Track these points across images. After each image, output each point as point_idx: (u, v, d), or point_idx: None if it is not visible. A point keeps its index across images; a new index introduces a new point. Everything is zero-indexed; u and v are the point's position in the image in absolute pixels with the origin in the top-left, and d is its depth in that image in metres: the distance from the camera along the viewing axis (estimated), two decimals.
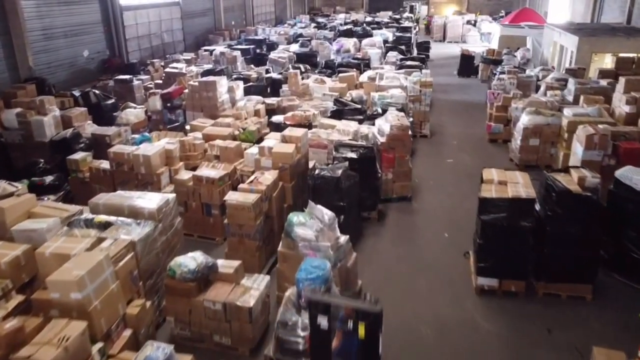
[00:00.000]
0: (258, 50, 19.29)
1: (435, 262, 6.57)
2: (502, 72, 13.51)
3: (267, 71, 16.22)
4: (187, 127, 9.35)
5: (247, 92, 12.05)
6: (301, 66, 16.32)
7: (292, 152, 6.60)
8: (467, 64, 18.79)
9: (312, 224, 5.41)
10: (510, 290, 5.73)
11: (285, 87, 12.47)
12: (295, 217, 5.42)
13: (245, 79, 13.06)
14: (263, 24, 27.85)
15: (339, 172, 6.60)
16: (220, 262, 5.16)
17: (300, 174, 7.02)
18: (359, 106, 10.40)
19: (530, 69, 15.25)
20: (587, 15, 21.11)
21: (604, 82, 11.39)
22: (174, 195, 5.84)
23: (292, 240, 5.41)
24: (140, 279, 4.75)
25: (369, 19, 30.87)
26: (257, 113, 10.24)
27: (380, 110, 10.21)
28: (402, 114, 8.53)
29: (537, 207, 5.76)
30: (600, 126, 7.77)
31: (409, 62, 14.54)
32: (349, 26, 24.89)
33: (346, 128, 8.05)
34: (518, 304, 5.66)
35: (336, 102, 10.56)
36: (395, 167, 8.14)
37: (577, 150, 7.73)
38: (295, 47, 19.68)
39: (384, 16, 33.25)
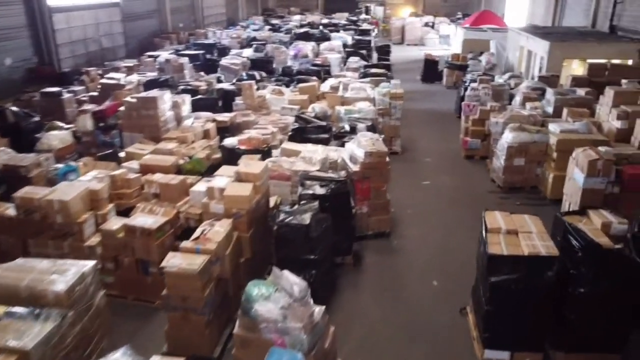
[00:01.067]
0: (208, 56, 17.74)
1: (427, 323, 5.41)
2: (473, 80, 12.62)
3: (219, 79, 14.78)
4: (122, 153, 7.84)
5: (196, 106, 10.60)
6: (256, 73, 14.96)
7: (249, 195, 5.29)
8: (431, 70, 17.94)
9: (277, 297, 4.14)
10: None
11: (239, 100, 11.09)
12: (255, 289, 4.14)
13: (194, 91, 11.60)
14: (214, 26, 26.19)
15: (308, 217, 5.35)
16: None
17: (261, 216, 5.73)
18: (323, 123, 9.18)
19: (498, 75, 14.48)
20: (547, 18, 20.75)
21: (581, 92, 10.66)
22: (93, 263, 4.41)
23: (251, 320, 4.13)
24: None
25: (325, 20, 29.74)
26: (206, 134, 8.84)
27: (347, 127, 9.04)
28: (377, 136, 7.37)
29: None
30: (602, 149, 6.86)
31: (373, 70, 13.43)
32: (305, 29, 23.64)
33: (312, 155, 6.80)
34: None
35: (298, 119, 9.31)
36: (371, 199, 6.97)
37: (577, 176, 6.78)
38: (249, 52, 18.28)
39: (341, 18, 32.20)
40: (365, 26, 26.90)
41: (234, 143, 7.78)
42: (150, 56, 16.58)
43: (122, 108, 9.09)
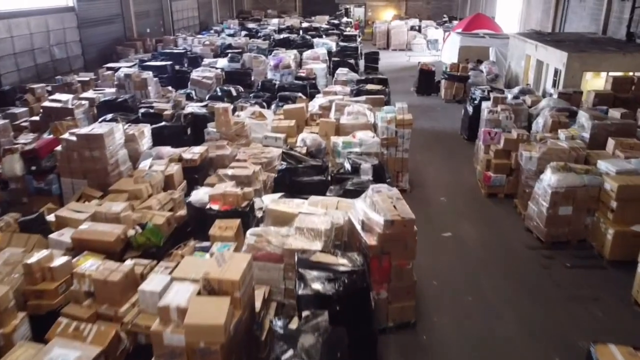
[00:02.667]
0: (178, 67, 15.69)
1: None
2: (485, 98, 10.93)
3: (189, 97, 12.80)
4: (51, 216, 5.80)
5: (159, 137, 8.65)
6: (232, 89, 13.03)
7: (224, 321, 3.38)
8: (426, 80, 16.22)
9: None
10: None
11: (211, 127, 9.14)
12: None
13: (157, 116, 9.60)
14: (185, 32, 24.06)
15: (316, 350, 3.48)
16: None
17: (241, 339, 3.83)
18: (318, 162, 7.33)
19: (507, 90, 12.85)
20: (547, 22, 19.29)
21: (615, 113, 9.07)
22: None
23: None
24: None
25: (305, 24, 27.86)
26: (169, 181, 6.89)
27: (348, 167, 7.20)
28: (396, 191, 5.51)
29: None
30: None
31: (368, 86, 11.59)
32: (285, 35, 21.72)
33: (313, 226, 4.92)
34: None
35: (286, 157, 7.43)
36: (391, 282, 5.14)
37: None
38: (223, 62, 16.29)
39: (321, 21, 30.35)
40: (349, 31, 25.09)
41: (204, 200, 5.84)
42: (109, 69, 14.47)
43: (58, 148, 7.05)
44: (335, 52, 19.42)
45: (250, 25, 28.45)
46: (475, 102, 11.32)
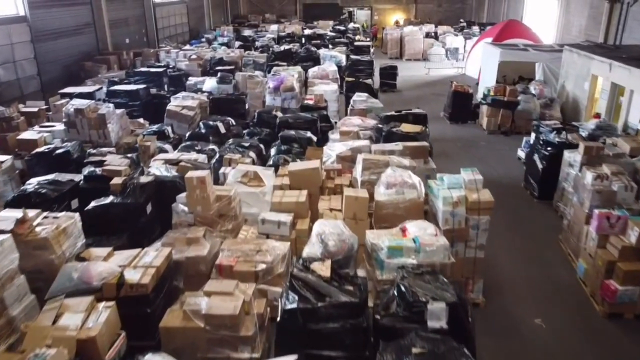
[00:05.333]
0: (155, 90, 12.64)
1: None
2: (565, 144, 7.90)
3: (163, 135, 9.77)
4: None
5: (101, 221, 5.65)
6: (219, 124, 10.02)
7: None
8: (461, 105, 13.15)
9: None
10: None
11: (182, 202, 6.08)
12: None
13: (106, 181, 6.51)
14: (169, 42, 20.97)
15: None
16: None
17: None
18: (351, 298, 4.27)
19: (579, 125, 9.83)
20: (595, 32, 16.27)
21: None
22: None
23: None
24: None
25: (308, 31, 24.81)
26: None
27: (401, 303, 4.20)
28: None
29: None
30: None
31: (404, 127, 8.48)
32: (286, 45, 18.65)
33: None
34: None
35: (297, 285, 4.35)
36: None
37: None
38: (212, 84, 13.26)
39: (325, 27, 27.31)
40: (360, 39, 22.02)
41: None
42: (64, 95, 11.40)
43: None
44: (346, 67, 16.42)
45: (247, 32, 25.39)
46: (549, 150, 8.28)
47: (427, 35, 24.70)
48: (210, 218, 5.95)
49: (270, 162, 8.24)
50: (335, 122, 10.90)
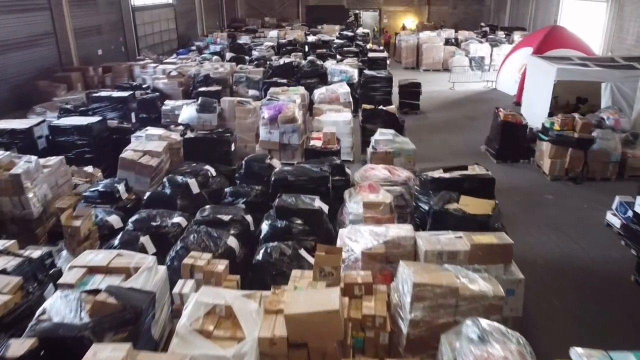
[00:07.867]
0: (116, 122, 9.77)
1: None
2: None
3: (112, 198, 6.90)
4: None
5: None
6: (190, 181, 7.13)
7: None
8: (512, 139, 10.18)
9: None
10: None
11: None
12: None
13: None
14: (149, 53, 18.06)
15: None
16: None
17: None
18: None
19: None
20: None
21: None
22: None
23: None
24: None
25: (312, 38, 21.91)
26: None
27: None
28: None
29: None
30: None
31: (463, 203, 5.55)
32: (287, 58, 15.72)
33: None
34: None
35: None
36: None
37: None
38: (190, 112, 10.37)
39: (331, 32, 24.40)
40: (372, 47, 19.07)
41: None
42: None
43: None
44: (359, 85, 13.52)
45: (243, 38, 22.49)
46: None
47: (447, 42, 21.76)
48: None
49: (259, 257, 5.37)
50: (350, 171, 7.96)
